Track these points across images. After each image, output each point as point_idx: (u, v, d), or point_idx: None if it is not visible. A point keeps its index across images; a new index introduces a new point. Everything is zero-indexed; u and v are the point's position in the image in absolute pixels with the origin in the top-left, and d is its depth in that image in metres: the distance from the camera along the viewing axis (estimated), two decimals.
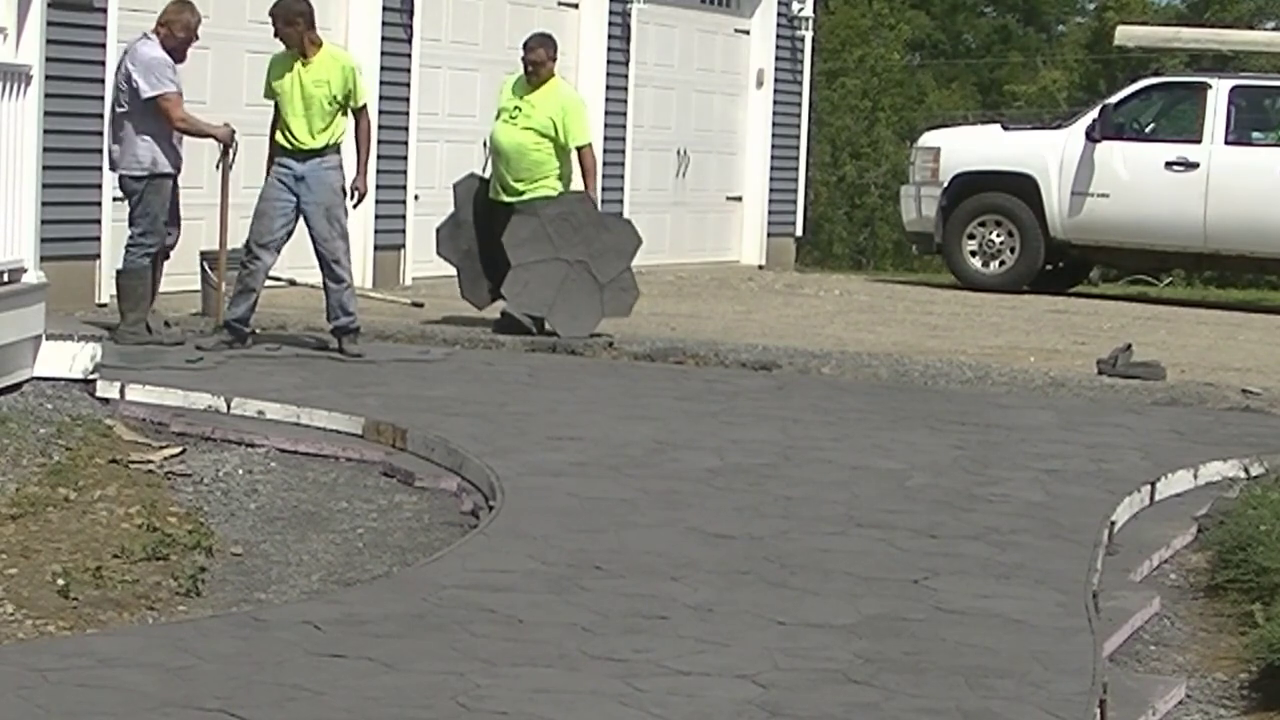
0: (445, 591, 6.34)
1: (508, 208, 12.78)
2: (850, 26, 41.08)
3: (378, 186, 15.56)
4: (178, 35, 11.48)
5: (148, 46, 11.44)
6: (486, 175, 13.30)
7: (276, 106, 11.64)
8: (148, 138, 11.31)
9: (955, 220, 18.55)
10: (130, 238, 11.48)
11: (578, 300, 12.72)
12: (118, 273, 11.56)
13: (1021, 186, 18.31)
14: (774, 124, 20.55)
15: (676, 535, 7.28)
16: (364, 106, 11.77)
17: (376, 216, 15.53)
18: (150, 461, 8.60)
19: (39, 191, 9.95)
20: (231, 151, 11.70)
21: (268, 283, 13.74)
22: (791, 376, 11.70)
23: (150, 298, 11.54)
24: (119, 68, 11.56)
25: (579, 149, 12.77)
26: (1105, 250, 18.61)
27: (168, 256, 11.70)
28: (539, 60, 12.81)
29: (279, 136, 11.59)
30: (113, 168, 11.61)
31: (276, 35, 11.75)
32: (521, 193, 12.73)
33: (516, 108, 12.77)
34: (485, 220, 12.92)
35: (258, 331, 11.97)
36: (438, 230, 13.24)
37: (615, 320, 13.04)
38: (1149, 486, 8.71)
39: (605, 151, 18.06)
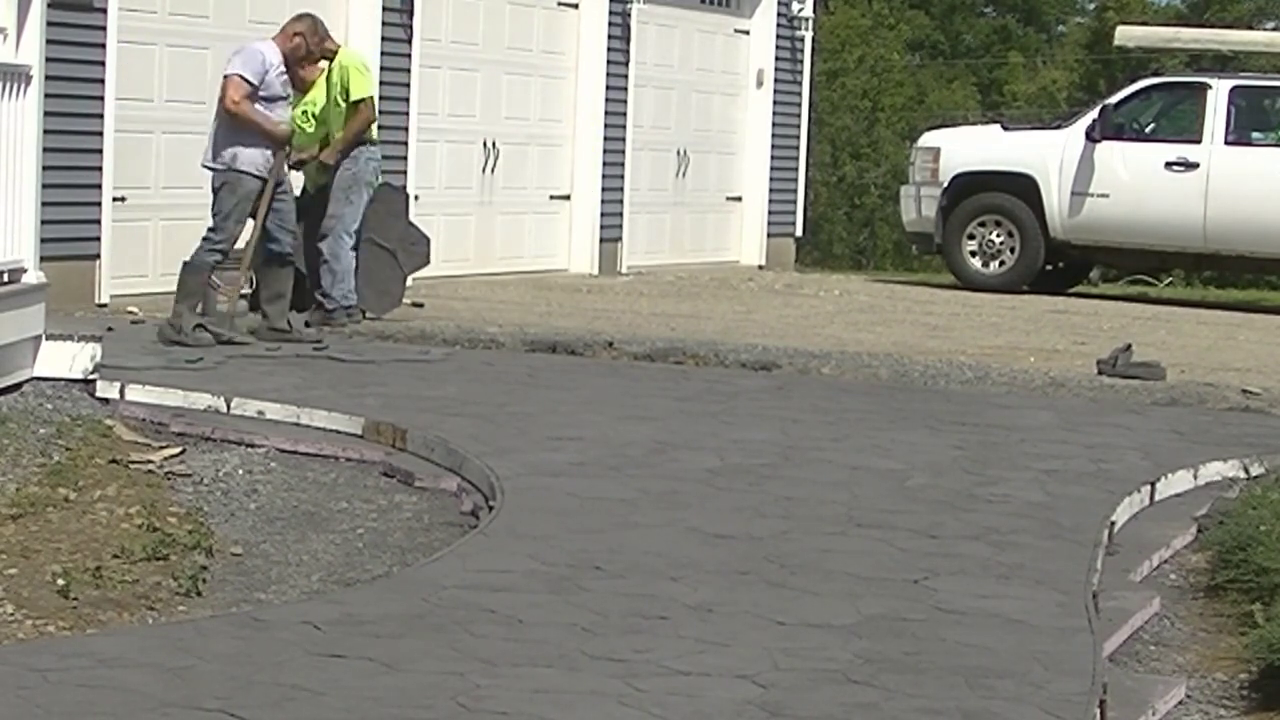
0: (445, 591, 6.34)
1: None
2: (850, 26, 41.08)
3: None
4: (294, 42, 11.89)
5: (260, 43, 11.82)
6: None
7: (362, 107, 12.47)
8: (233, 134, 11.46)
9: (955, 220, 18.56)
10: (205, 232, 11.60)
11: (378, 276, 13.00)
12: (183, 264, 11.64)
13: (1021, 186, 18.31)
14: (774, 124, 20.56)
15: (676, 535, 7.28)
16: None
17: None
18: (150, 461, 8.60)
19: (39, 191, 9.94)
20: (286, 155, 11.83)
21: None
22: (791, 376, 11.70)
23: (203, 298, 11.63)
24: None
25: None
26: (1105, 250, 18.62)
27: (285, 264, 11.74)
28: None
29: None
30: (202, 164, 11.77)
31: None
32: None
33: None
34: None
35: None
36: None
37: (615, 320, 13.04)
38: (1149, 486, 8.71)
39: (605, 152, 18.10)
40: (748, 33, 20.50)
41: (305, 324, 12.14)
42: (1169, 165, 17.81)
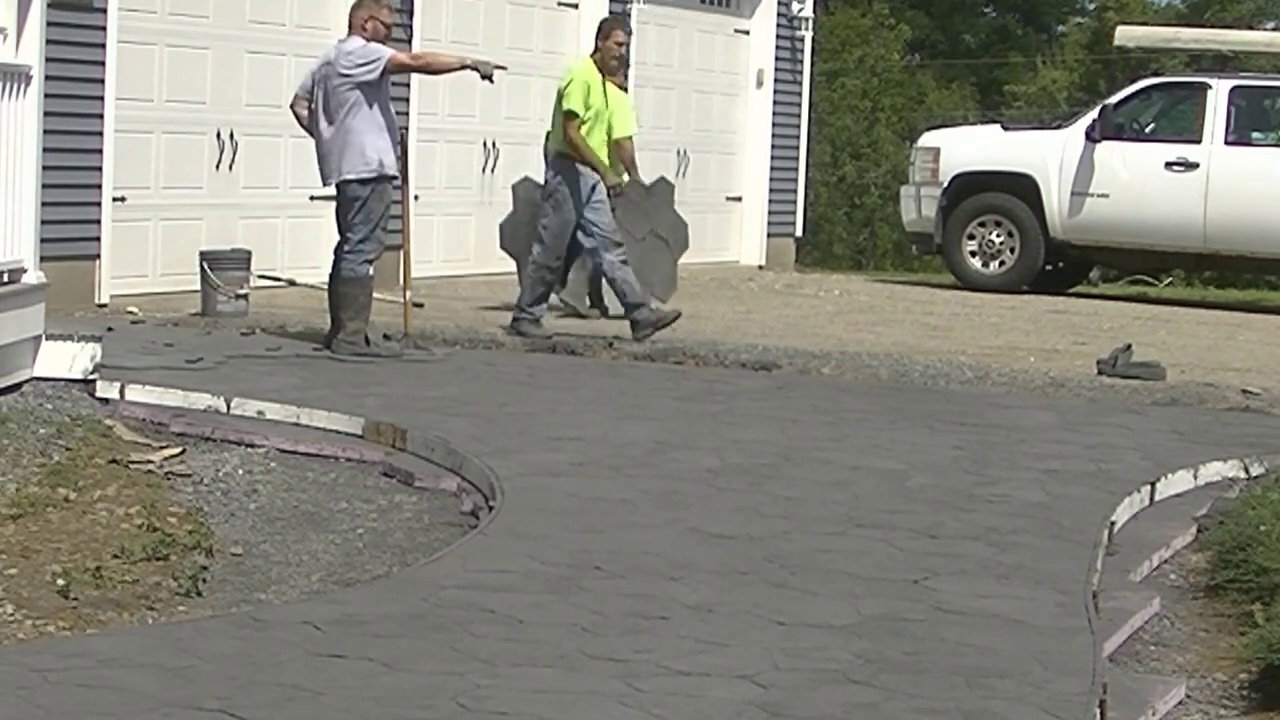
0: (445, 591, 6.34)
1: None
2: (850, 27, 41.02)
3: None
4: (383, 25, 11.61)
5: (348, 41, 11.51)
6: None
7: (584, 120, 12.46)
8: (372, 138, 11.26)
9: (955, 220, 18.56)
10: (349, 245, 11.37)
11: (655, 269, 14.21)
12: (340, 280, 11.41)
13: (1021, 186, 18.31)
14: (774, 124, 20.55)
15: (676, 535, 7.28)
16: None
17: None
18: (150, 461, 8.60)
19: (39, 191, 9.94)
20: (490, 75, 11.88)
21: (264, 283, 13.83)
22: (791, 376, 11.70)
23: (370, 307, 11.52)
24: (321, 77, 11.40)
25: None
26: (1105, 250, 18.62)
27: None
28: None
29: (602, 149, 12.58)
30: (329, 177, 11.39)
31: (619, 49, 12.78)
32: None
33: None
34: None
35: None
36: (501, 227, 14.50)
37: (615, 321, 13.08)
38: (1149, 486, 8.71)
39: None
40: (748, 33, 20.49)
41: (385, 335, 11.92)
42: (1169, 165, 17.81)
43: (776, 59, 20.57)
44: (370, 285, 11.50)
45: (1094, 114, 18.37)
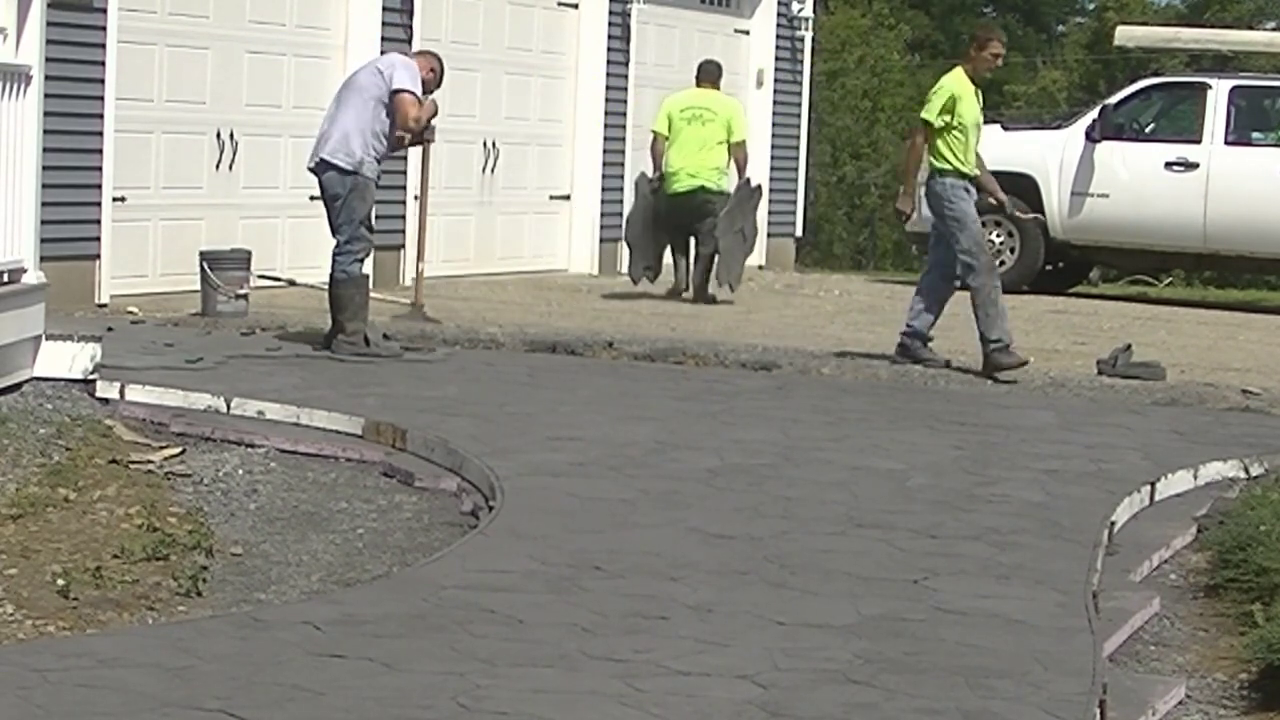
0: (445, 591, 6.34)
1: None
2: (850, 26, 41.02)
3: (379, 187, 15.57)
4: (432, 85, 11.63)
5: (406, 60, 11.68)
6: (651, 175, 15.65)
7: (960, 131, 12.12)
8: (364, 139, 11.31)
9: None
10: (337, 246, 11.41)
11: (737, 262, 15.75)
12: (334, 283, 11.42)
13: (1021, 186, 18.26)
14: (774, 124, 20.54)
15: (676, 535, 7.28)
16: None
17: (376, 217, 15.50)
18: (150, 461, 8.60)
19: (39, 191, 9.94)
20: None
21: (264, 283, 13.82)
22: (791, 376, 11.70)
23: (367, 306, 11.52)
24: (361, 69, 11.69)
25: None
26: (1105, 250, 18.61)
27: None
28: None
29: (965, 162, 12.23)
30: (313, 155, 11.47)
31: (996, 61, 12.39)
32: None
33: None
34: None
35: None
36: (627, 219, 16.11)
37: (615, 321, 13.10)
38: (1149, 486, 8.71)
39: (605, 152, 18.09)
40: (748, 33, 20.49)
41: (384, 335, 11.88)
42: (1169, 165, 17.81)
43: (776, 59, 20.57)
44: (365, 284, 11.51)
45: (1094, 114, 18.36)
